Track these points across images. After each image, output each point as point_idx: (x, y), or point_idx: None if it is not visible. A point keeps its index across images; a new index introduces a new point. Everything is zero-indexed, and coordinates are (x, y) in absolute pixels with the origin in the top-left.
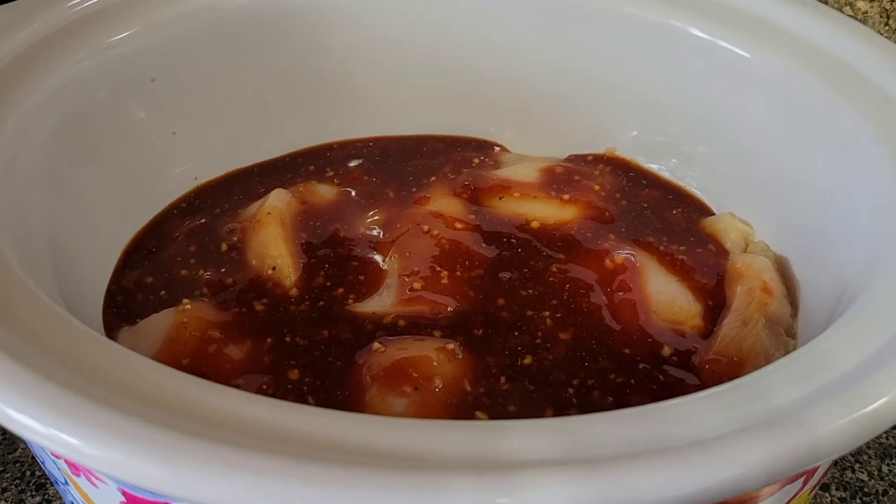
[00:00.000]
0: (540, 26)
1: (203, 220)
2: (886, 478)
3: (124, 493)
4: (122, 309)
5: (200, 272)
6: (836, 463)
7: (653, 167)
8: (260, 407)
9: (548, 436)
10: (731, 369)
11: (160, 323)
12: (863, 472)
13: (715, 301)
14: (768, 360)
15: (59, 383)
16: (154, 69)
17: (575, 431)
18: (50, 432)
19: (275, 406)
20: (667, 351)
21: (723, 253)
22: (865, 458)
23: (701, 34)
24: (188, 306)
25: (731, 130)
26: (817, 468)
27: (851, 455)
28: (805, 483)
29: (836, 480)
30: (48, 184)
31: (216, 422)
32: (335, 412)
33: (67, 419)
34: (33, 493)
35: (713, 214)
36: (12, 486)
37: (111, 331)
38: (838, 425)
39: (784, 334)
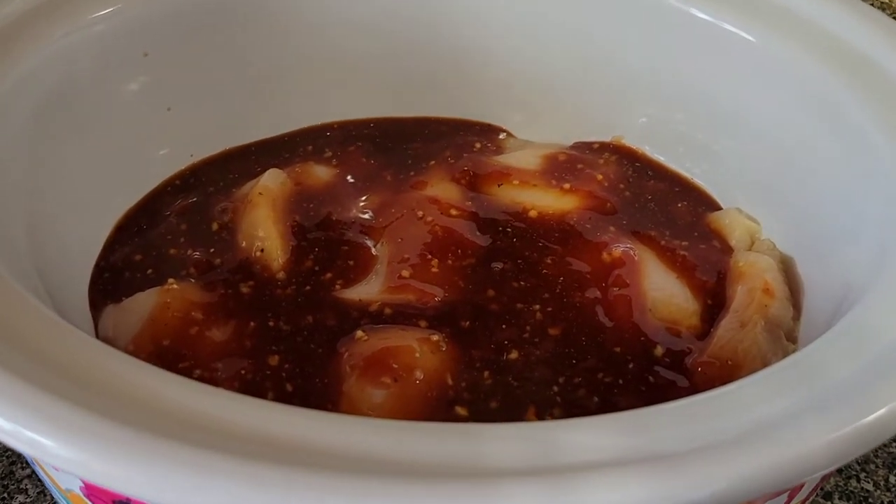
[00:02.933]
0: (550, 9)
1: (195, 199)
2: (893, 489)
3: (81, 479)
4: (109, 286)
5: (189, 251)
6: (840, 472)
7: (660, 157)
8: (259, 412)
9: (607, 434)
10: (724, 373)
11: (144, 302)
12: (868, 482)
13: (715, 300)
14: (765, 365)
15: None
16: (147, 43)
17: (633, 427)
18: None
19: (291, 414)
20: (659, 351)
21: (727, 250)
22: (872, 467)
23: (707, 17)
24: (173, 286)
25: (742, 121)
26: (804, 484)
27: (857, 464)
28: (790, 498)
29: (839, 489)
30: (29, 161)
31: (190, 423)
32: (353, 419)
33: (22, 413)
34: (24, 465)
35: (720, 209)
36: (3, 458)
37: (96, 308)
38: None
39: (784, 338)
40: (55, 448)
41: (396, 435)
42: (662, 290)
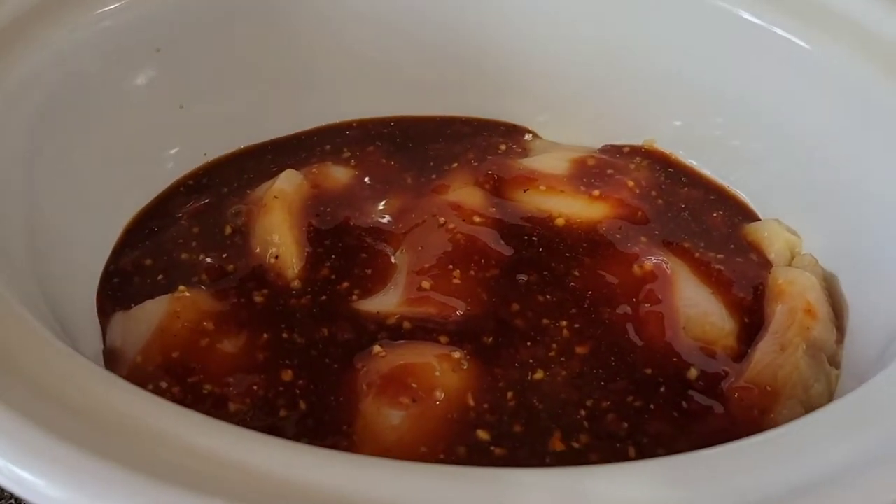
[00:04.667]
0: (579, 4)
1: (208, 200)
2: None
3: None
4: (118, 292)
5: (201, 257)
6: None
7: (694, 163)
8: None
9: (641, 485)
10: (763, 400)
11: (153, 311)
12: None
13: (752, 319)
14: (807, 392)
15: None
16: (159, 39)
17: (670, 478)
18: None
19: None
20: (693, 373)
21: (765, 264)
22: None
23: (756, 20)
24: (184, 294)
25: (785, 127)
26: None
27: None
28: None
29: None
30: (33, 162)
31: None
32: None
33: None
34: None
35: (758, 220)
36: None
37: (104, 314)
38: None
39: (826, 363)
40: (45, 488)
41: (417, 479)
42: (696, 307)
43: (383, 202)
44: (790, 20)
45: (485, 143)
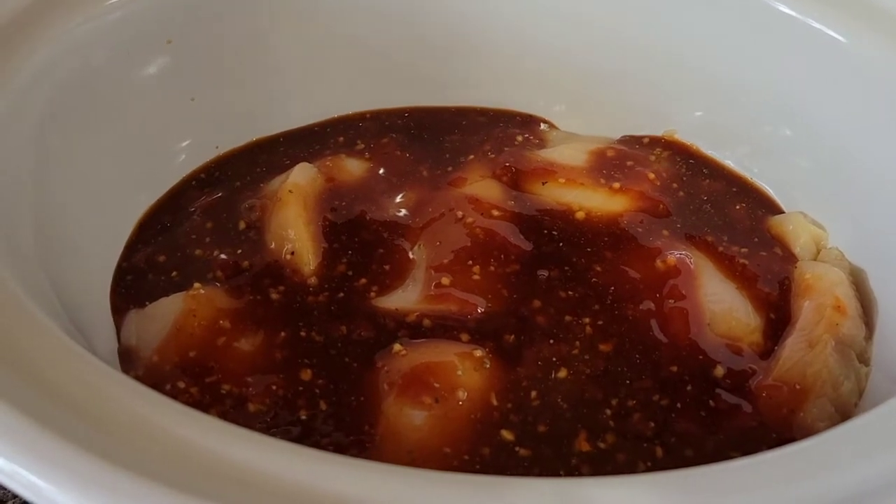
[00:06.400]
0: None
1: (221, 194)
2: None
3: None
4: (132, 289)
5: (215, 252)
6: None
7: (716, 154)
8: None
9: (649, 499)
10: (792, 398)
11: (168, 308)
12: None
13: (778, 314)
14: (836, 390)
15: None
16: (170, 30)
17: (682, 493)
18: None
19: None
20: (720, 371)
21: (790, 258)
22: None
23: (791, 12)
24: (199, 291)
25: (812, 118)
26: None
27: None
28: None
29: None
30: (42, 157)
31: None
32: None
33: (23, 454)
34: None
35: (781, 212)
36: None
37: (119, 312)
38: None
39: (856, 360)
40: (57, 494)
41: (422, 487)
42: (721, 303)
43: (399, 195)
44: (826, 12)
45: (501, 133)
